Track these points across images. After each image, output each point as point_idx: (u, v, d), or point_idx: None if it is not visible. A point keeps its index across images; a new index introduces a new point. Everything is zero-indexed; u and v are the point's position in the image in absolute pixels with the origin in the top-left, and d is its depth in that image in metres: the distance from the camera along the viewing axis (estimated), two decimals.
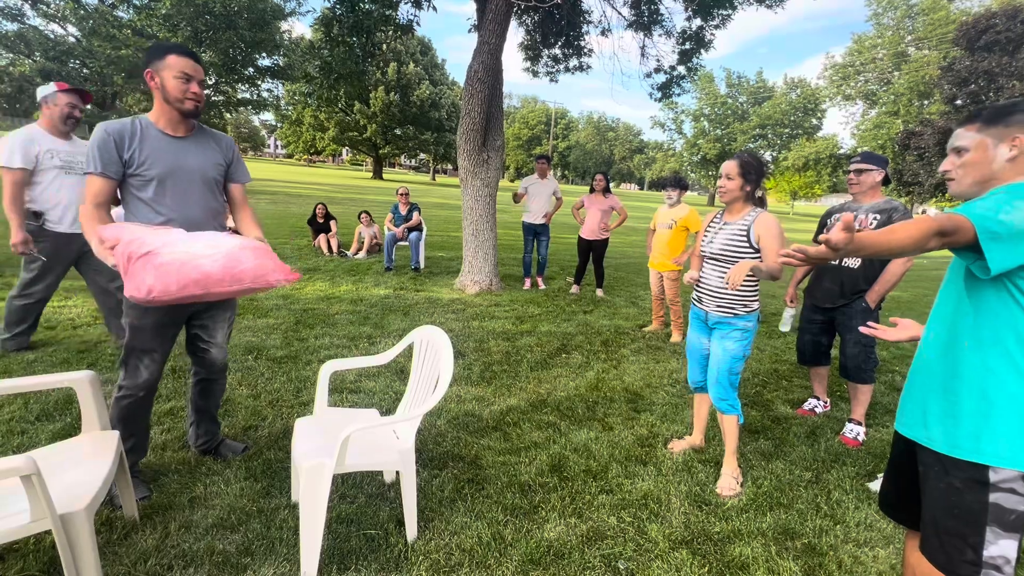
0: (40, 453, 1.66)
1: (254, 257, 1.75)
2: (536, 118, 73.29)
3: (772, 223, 2.25)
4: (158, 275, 1.56)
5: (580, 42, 9.71)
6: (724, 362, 2.37)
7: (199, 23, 16.84)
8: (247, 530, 1.91)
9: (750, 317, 2.36)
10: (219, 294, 1.69)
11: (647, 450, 2.71)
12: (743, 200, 2.35)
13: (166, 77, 1.86)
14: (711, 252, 2.40)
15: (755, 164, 2.32)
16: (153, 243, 1.61)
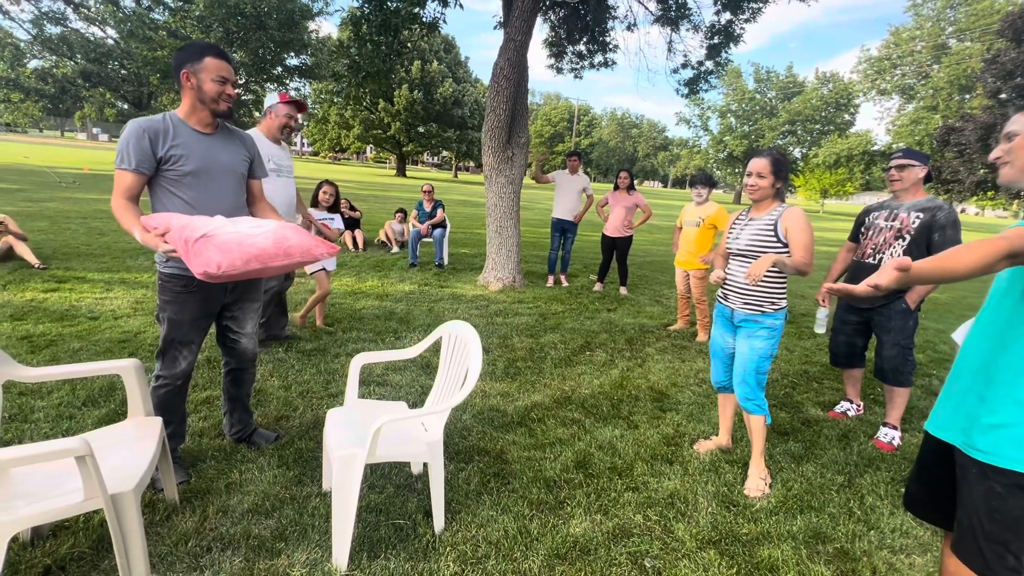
0: (91, 436, 1.74)
1: (297, 234, 1.85)
2: (559, 115, 72.91)
3: (800, 216, 2.21)
4: (222, 252, 1.62)
5: (605, 38, 9.62)
6: (751, 361, 2.33)
7: (231, 24, 17.29)
8: (281, 516, 1.96)
9: (778, 315, 2.31)
10: (275, 268, 1.78)
11: (673, 449, 2.69)
12: (771, 198, 2.33)
13: (204, 79, 1.92)
14: (737, 248, 2.36)
15: (785, 161, 2.31)
16: (206, 226, 1.68)
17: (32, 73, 23.34)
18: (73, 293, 4.54)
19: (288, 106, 3.30)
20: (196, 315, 2.05)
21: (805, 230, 2.19)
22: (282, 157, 3.42)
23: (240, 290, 2.18)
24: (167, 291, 2.01)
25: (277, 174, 3.33)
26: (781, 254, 2.22)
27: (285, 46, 19.29)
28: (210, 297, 2.07)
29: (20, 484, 1.52)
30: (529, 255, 8.54)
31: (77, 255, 5.88)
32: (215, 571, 1.68)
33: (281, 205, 3.34)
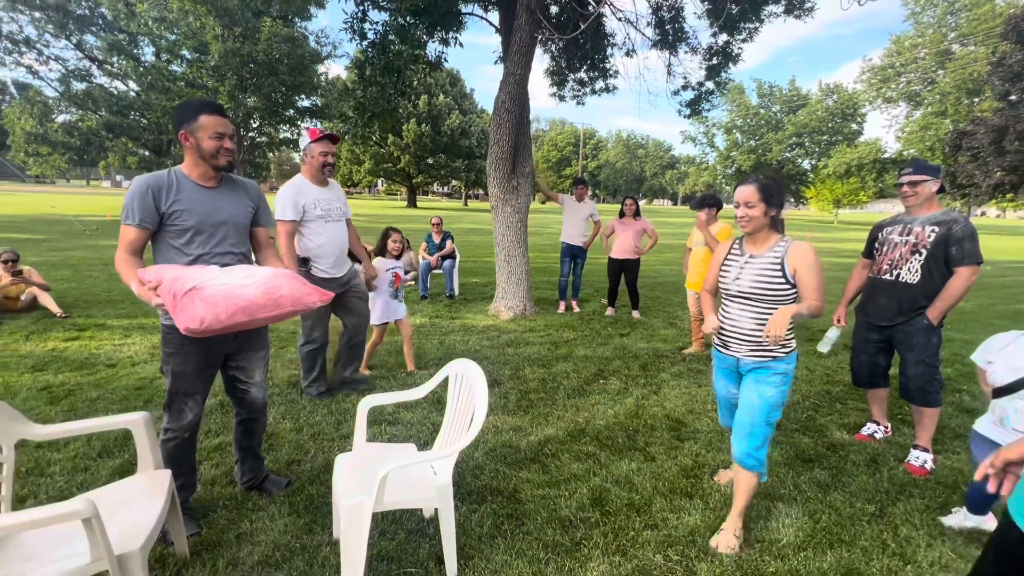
0: (98, 494, 1.74)
1: (289, 282, 1.85)
2: (565, 140, 73.99)
3: (808, 253, 2.00)
4: (207, 306, 1.63)
5: (605, 64, 9.80)
6: (760, 411, 2.06)
7: (244, 71, 18.06)
8: (291, 568, 1.93)
9: (790, 359, 2.08)
10: (264, 319, 1.77)
11: (692, 482, 2.60)
12: (768, 228, 2.09)
13: (201, 137, 1.94)
14: (739, 290, 2.10)
15: (775, 186, 2.06)
16: (196, 279, 1.69)
17: (59, 127, 24.52)
18: (93, 341, 4.63)
19: (321, 143, 3.17)
20: (200, 365, 2.05)
21: (815, 269, 1.98)
22: (330, 200, 3.27)
23: (243, 339, 2.17)
24: (170, 343, 2.01)
25: (325, 220, 3.22)
26: (790, 298, 2.04)
27: (296, 89, 20.06)
28: (212, 347, 2.07)
29: (30, 547, 1.52)
30: (540, 281, 8.54)
31: (98, 302, 6.03)
32: None
33: (331, 254, 3.26)
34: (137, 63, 19.82)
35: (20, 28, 19.67)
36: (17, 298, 5.47)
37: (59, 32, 19.84)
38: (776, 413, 2.09)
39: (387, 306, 3.94)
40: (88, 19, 20.14)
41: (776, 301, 2.03)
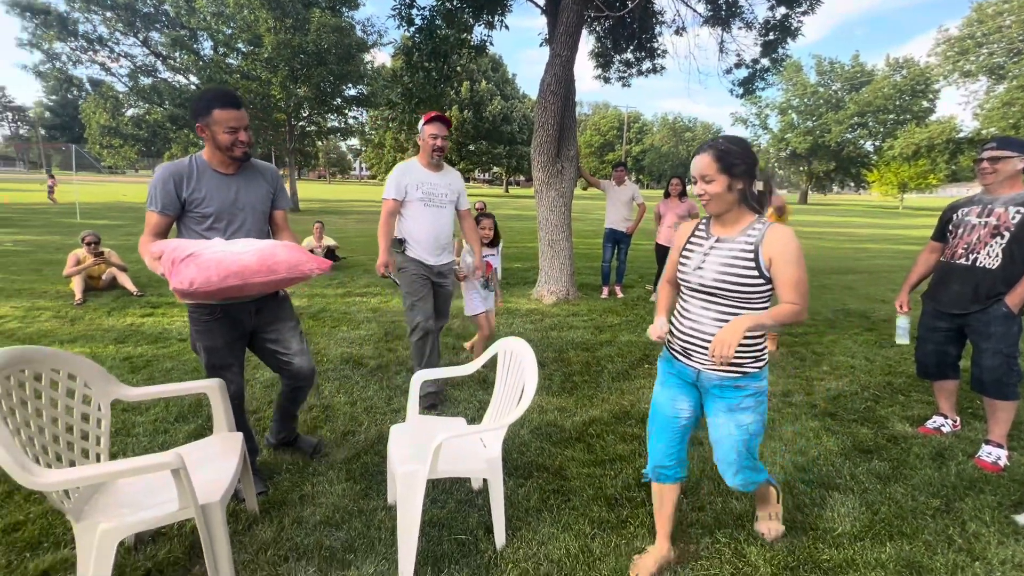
0: (183, 450, 1.91)
1: (287, 251, 1.87)
2: (608, 124, 72.36)
3: (788, 240, 1.55)
4: (199, 269, 1.69)
5: (653, 44, 9.49)
6: (740, 442, 1.69)
7: (295, 62, 18.59)
8: (350, 528, 2.05)
9: (762, 373, 1.69)
10: (258, 284, 1.80)
11: None
12: (737, 205, 1.62)
13: (216, 131, 1.98)
14: (700, 283, 1.66)
15: (738, 150, 1.58)
16: (194, 247, 1.77)
17: (129, 120, 26.18)
18: (165, 317, 5.00)
19: (432, 124, 3.02)
20: (228, 339, 2.15)
21: (796, 262, 1.54)
22: (436, 185, 3.11)
23: (266, 312, 2.24)
24: (196, 322, 2.12)
25: (424, 204, 3.09)
26: (765, 297, 1.61)
27: (343, 78, 20.46)
28: (236, 320, 2.15)
29: (124, 494, 1.69)
30: (583, 267, 8.48)
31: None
32: None
33: (427, 238, 3.11)
34: (197, 57, 20.80)
35: (94, 28, 21.03)
36: (99, 277, 5.96)
37: (128, 30, 21.06)
38: (758, 440, 1.73)
39: (479, 297, 3.69)
40: (153, 17, 21.27)
41: (746, 299, 1.60)
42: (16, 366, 1.56)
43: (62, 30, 20.17)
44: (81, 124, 31.59)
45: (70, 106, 51.91)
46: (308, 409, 3.09)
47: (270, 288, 1.91)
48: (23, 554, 1.85)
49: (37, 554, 1.85)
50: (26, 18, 19.91)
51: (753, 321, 1.49)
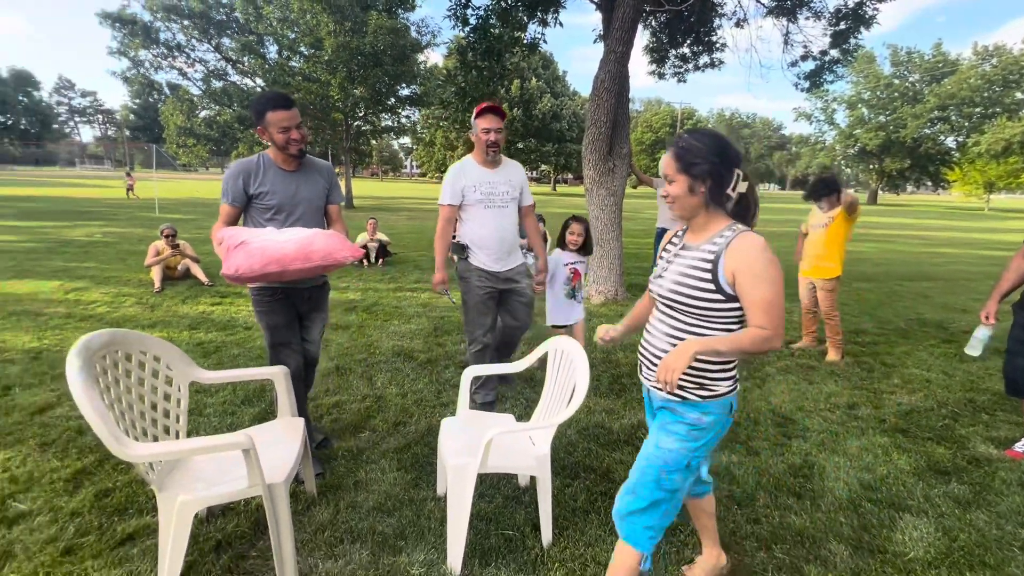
0: (251, 432, 2.03)
1: (325, 240, 2.03)
2: (660, 121, 70.49)
3: (754, 251, 1.32)
4: (245, 256, 1.90)
5: (711, 37, 9.17)
6: (650, 465, 1.46)
7: (352, 64, 19.28)
8: (400, 516, 2.11)
9: (710, 407, 1.44)
10: (296, 271, 1.97)
11: (801, 481, 2.43)
12: (704, 209, 1.42)
13: (272, 132, 2.17)
14: (659, 294, 1.50)
15: (700, 147, 1.37)
16: (246, 236, 1.98)
17: (201, 121, 28.07)
18: (232, 307, 5.33)
19: (483, 117, 2.77)
20: (287, 318, 2.36)
21: (766, 277, 1.30)
22: (495, 183, 2.85)
23: (314, 300, 2.46)
24: (259, 303, 2.32)
25: (484, 205, 2.83)
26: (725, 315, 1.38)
27: (398, 78, 21.04)
28: (292, 304, 2.37)
29: (199, 470, 1.82)
30: (632, 267, 8.31)
31: None
32: (347, 561, 1.85)
33: (491, 242, 2.87)
34: (263, 61, 22.03)
35: (173, 36, 22.68)
36: (175, 268, 6.43)
37: (202, 37, 22.56)
38: (673, 477, 1.43)
39: (563, 306, 3.38)
40: (225, 24, 22.66)
41: (704, 317, 1.40)
42: (111, 347, 1.71)
43: (146, 38, 21.89)
44: (160, 125, 34.19)
45: (151, 109, 56.28)
46: (361, 399, 3.22)
47: (307, 274, 2.07)
48: (112, 518, 2.03)
49: (123, 519, 2.03)
50: (116, 28, 21.75)
51: (703, 346, 1.29)
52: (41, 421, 2.78)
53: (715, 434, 1.47)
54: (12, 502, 2.10)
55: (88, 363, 1.54)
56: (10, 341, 4.02)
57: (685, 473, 1.45)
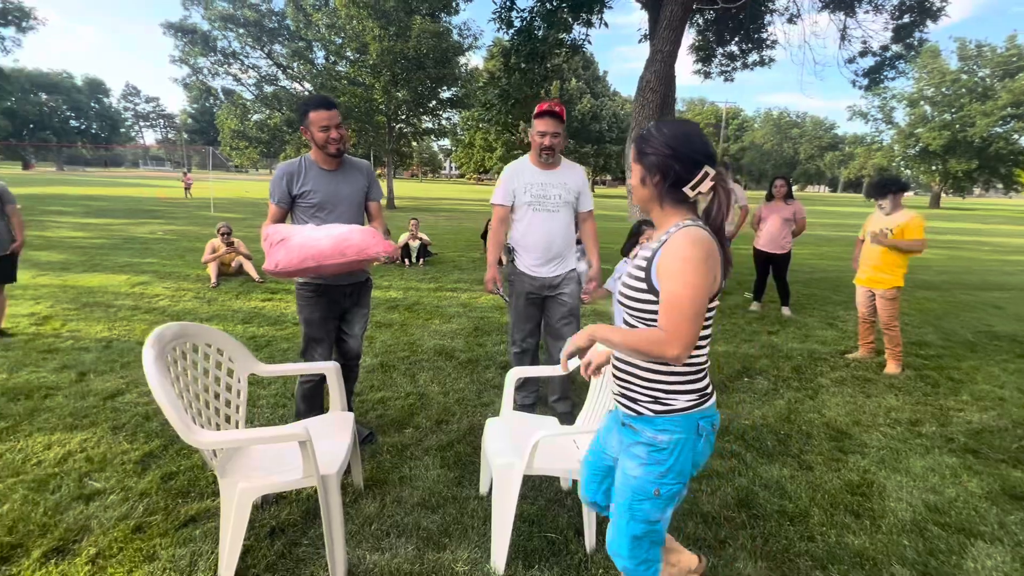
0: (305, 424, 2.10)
1: (360, 236, 2.11)
2: (703, 120, 68.65)
3: (678, 247, 1.20)
4: (285, 252, 2.03)
5: (761, 34, 8.87)
6: (623, 493, 1.36)
7: (396, 67, 19.73)
8: (444, 513, 2.14)
9: (666, 424, 1.29)
10: (332, 266, 2.06)
11: (859, 500, 2.31)
12: (659, 203, 1.31)
13: (313, 131, 2.27)
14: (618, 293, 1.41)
15: (656, 136, 1.27)
16: (288, 233, 2.10)
17: (253, 125, 29.36)
18: (282, 303, 5.55)
19: (540, 120, 2.66)
20: (324, 315, 2.44)
21: (677, 275, 1.18)
22: (548, 185, 2.75)
23: (355, 296, 2.53)
24: (301, 297, 2.43)
25: (534, 208, 2.75)
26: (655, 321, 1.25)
27: (440, 81, 21.41)
28: (332, 300, 2.45)
29: (256, 458, 1.90)
30: None
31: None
32: (393, 554, 1.89)
33: (535, 247, 2.79)
34: (311, 66, 22.89)
35: (229, 44, 23.88)
36: (230, 264, 6.75)
37: (256, 44, 23.66)
38: (644, 507, 1.32)
39: None
40: (277, 31, 23.68)
41: (642, 320, 1.29)
42: (180, 339, 1.81)
43: (205, 47, 23.15)
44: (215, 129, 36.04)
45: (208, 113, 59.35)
46: (405, 396, 3.28)
47: (343, 268, 2.16)
48: (176, 500, 2.15)
49: (187, 501, 2.15)
50: (178, 37, 23.10)
51: (604, 333, 1.25)
52: (112, 406, 2.98)
53: (683, 458, 1.29)
54: (89, 480, 2.26)
55: (161, 353, 1.64)
56: (84, 330, 4.33)
57: (657, 503, 1.31)
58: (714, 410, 1.35)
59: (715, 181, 1.25)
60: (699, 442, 1.31)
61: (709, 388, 1.34)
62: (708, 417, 1.32)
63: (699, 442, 1.31)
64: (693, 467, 1.33)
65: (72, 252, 8.06)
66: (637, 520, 1.34)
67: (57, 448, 2.51)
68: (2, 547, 1.84)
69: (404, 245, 8.16)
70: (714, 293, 1.23)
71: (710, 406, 1.33)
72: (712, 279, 1.20)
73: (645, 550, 1.38)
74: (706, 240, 1.20)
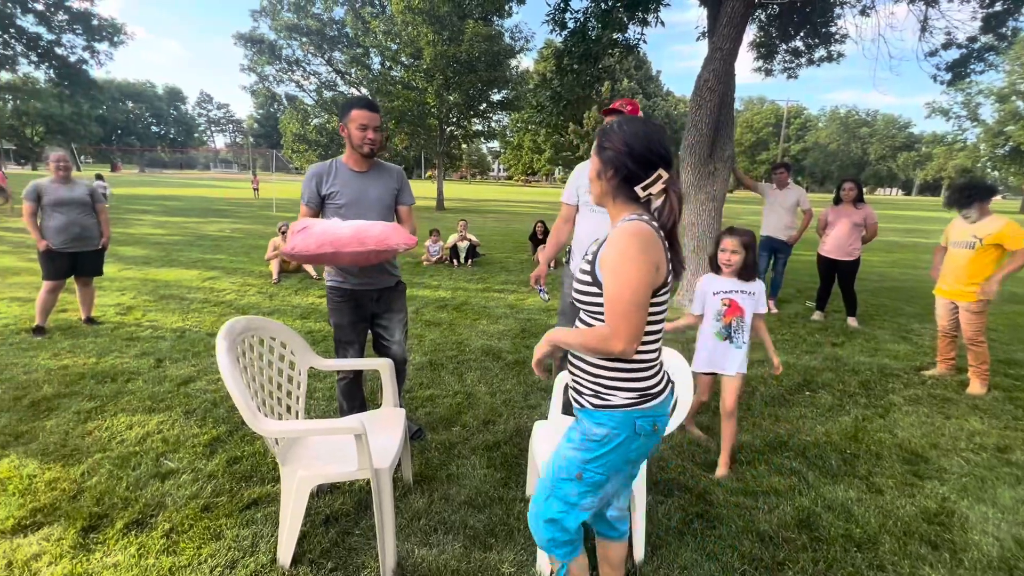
0: (361, 418, 2.17)
1: (381, 228, 2.10)
2: (762, 120, 65.79)
3: (616, 240, 1.21)
4: (303, 238, 2.03)
5: (830, 28, 8.39)
6: (551, 466, 1.42)
7: (448, 71, 20.11)
8: (491, 513, 2.15)
9: (603, 418, 1.30)
10: (349, 254, 2.04)
11: (937, 529, 2.13)
12: (612, 199, 1.32)
13: (351, 128, 2.29)
14: None
15: (616, 131, 1.28)
16: (310, 222, 2.10)
17: (313, 128, 30.78)
18: None
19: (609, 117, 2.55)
20: (353, 319, 2.47)
21: (616, 268, 1.19)
22: None
23: (385, 301, 2.53)
24: (330, 300, 2.48)
25: (590, 208, 2.72)
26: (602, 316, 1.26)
27: (491, 84, 21.64)
28: (360, 304, 2.47)
29: (315, 449, 1.98)
30: None
31: None
32: (440, 550, 1.92)
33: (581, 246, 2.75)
34: (368, 71, 23.75)
35: (293, 52, 25.19)
36: (289, 262, 7.10)
37: (317, 52, 24.81)
38: (565, 486, 1.36)
39: (709, 349, 2.56)
40: (337, 39, 24.73)
41: (594, 315, 1.30)
42: (249, 332, 1.92)
43: (271, 56, 24.51)
44: (279, 133, 38.08)
45: (272, 118, 62.79)
46: (453, 395, 3.32)
47: (361, 259, 2.13)
48: (240, 483, 2.28)
49: (250, 485, 2.27)
50: (247, 48, 24.59)
51: (560, 336, 1.32)
52: (185, 391, 3.20)
53: (614, 454, 1.31)
54: (164, 460, 2.44)
55: (232, 345, 1.74)
56: (161, 320, 4.68)
57: (578, 486, 1.34)
58: (660, 410, 1.33)
59: (667, 184, 1.26)
60: (635, 440, 1.31)
61: (655, 387, 1.32)
62: (648, 417, 1.31)
63: (635, 440, 1.31)
64: (627, 464, 1.35)
65: (152, 248, 8.74)
66: (556, 497, 1.39)
67: (138, 428, 2.72)
68: (91, 516, 2.02)
69: (452, 246, 8.30)
70: (658, 286, 1.24)
71: (654, 405, 1.32)
72: (652, 271, 1.20)
73: (557, 531, 1.41)
74: (646, 233, 1.20)
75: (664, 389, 1.35)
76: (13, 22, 17.74)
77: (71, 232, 4.11)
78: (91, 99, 23.03)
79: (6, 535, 1.91)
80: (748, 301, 2.49)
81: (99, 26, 19.54)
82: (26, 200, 4.01)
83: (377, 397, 2.88)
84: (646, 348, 1.29)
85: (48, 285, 4.13)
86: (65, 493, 2.16)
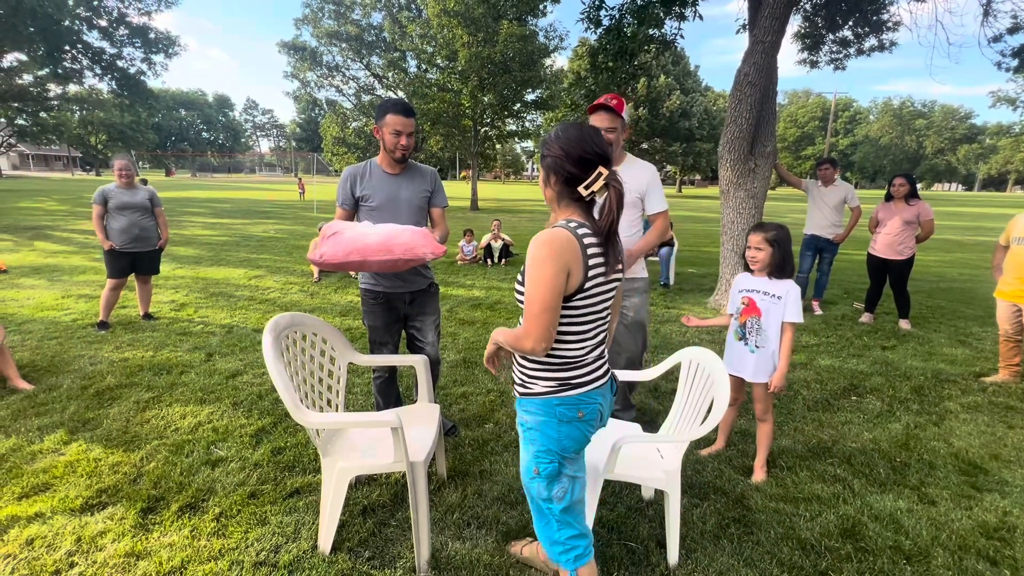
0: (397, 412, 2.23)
1: (410, 235, 2.06)
2: (807, 114, 63.17)
3: (534, 245, 1.26)
4: (332, 245, 2.00)
5: (882, 16, 7.98)
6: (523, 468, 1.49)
7: (483, 72, 20.26)
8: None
9: (528, 405, 1.40)
10: (376, 262, 2.02)
11: (997, 544, 2.01)
12: (558, 205, 1.38)
13: (385, 132, 2.31)
14: None
15: (553, 138, 1.34)
16: (341, 227, 2.07)
17: (352, 132, 31.63)
18: None
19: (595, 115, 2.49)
20: (387, 321, 2.51)
21: (530, 273, 1.25)
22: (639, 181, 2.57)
23: (418, 303, 2.56)
24: (364, 303, 2.53)
25: (635, 206, 2.61)
26: None
27: (525, 84, 21.66)
28: (393, 306, 2.51)
29: (353, 441, 2.05)
30: None
31: None
32: (473, 544, 1.95)
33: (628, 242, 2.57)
34: (405, 74, 24.23)
35: (333, 58, 25.97)
36: None
37: (356, 57, 25.49)
38: (532, 485, 1.44)
39: (732, 351, 2.47)
40: (375, 44, 25.33)
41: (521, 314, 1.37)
42: (292, 327, 2.00)
43: (312, 62, 25.34)
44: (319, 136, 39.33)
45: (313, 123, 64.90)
46: (486, 392, 3.36)
47: (389, 266, 2.11)
48: (283, 472, 2.38)
49: (292, 474, 2.37)
50: (290, 55, 25.51)
51: (496, 334, 1.41)
52: (233, 384, 3.37)
53: (544, 438, 1.39)
54: (214, 448, 2.57)
55: (277, 340, 1.82)
56: (211, 316, 4.93)
57: (540, 481, 1.42)
58: (584, 397, 1.38)
59: (608, 180, 1.28)
60: (561, 425, 1.38)
61: (578, 378, 1.38)
62: (570, 404, 1.37)
63: (561, 425, 1.38)
64: (566, 449, 1.39)
65: (202, 248, 9.21)
66: (532, 498, 1.49)
67: (190, 418, 2.88)
68: (150, 499, 2.16)
69: (486, 246, 8.37)
70: (572, 291, 1.28)
71: (576, 395, 1.37)
72: (562, 276, 1.24)
73: (554, 532, 1.48)
74: (558, 239, 1.24)
75: (593, 381, 1.40)
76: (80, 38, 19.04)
77: (132, 233, 4.40)
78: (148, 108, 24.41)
79: (76, 513, 2.07)
80: (769, 303, 2.31)
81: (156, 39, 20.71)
82: (95, 203, 4.33)
83: (412, 394, 2.96)
84: (569, 346, 1.35)
85: (111, 283, 4.43)
86: (126, 476, 2.32)
